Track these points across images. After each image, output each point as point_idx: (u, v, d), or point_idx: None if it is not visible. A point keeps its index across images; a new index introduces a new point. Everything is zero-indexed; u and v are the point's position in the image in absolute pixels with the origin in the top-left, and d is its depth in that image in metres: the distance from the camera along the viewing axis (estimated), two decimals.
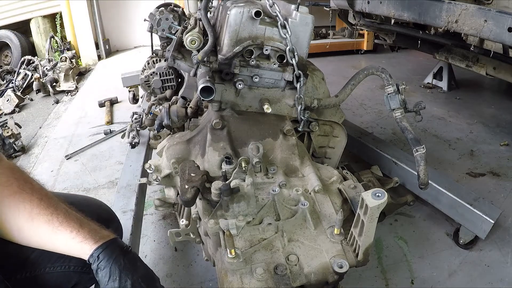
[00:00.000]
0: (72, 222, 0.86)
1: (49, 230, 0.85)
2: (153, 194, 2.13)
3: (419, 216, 1.89)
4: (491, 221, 1.55)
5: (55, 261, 0.95)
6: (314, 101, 1.45)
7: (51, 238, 0.85)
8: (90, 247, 0.84)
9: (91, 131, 3.09)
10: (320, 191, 1.17)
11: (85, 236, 0.85)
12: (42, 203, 0.87)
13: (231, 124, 1.32)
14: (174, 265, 1.64)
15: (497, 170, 2.25)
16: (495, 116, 3.03)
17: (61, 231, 0.85)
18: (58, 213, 0.86)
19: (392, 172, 1.92)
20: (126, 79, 2.98)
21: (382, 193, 0.84)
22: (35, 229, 0.85)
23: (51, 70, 4.36)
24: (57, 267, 0.96)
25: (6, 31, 5.34)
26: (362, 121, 2.98)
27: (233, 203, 1.06)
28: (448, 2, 1.70)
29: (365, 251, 0.95)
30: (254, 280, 0.92)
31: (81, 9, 5.31)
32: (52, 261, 0.95)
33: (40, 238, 0.86)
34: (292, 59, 1.27)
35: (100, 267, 0.83)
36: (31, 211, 0.85)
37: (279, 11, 1.24)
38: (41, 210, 0.86)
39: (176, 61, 1.46)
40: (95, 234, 0.86)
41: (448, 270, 1.58)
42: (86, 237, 0.85)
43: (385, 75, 1.46)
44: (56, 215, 0.86)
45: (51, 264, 0.95)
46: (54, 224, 0.85)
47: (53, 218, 0.85)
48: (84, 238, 0.84)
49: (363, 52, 5.03)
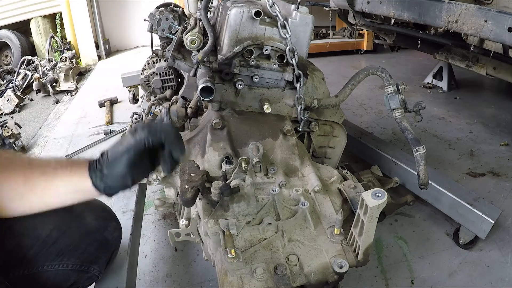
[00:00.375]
0: (62, 165, 0.86)
1: (47, 179, 0.83)
2: (153, 194, 2.13)
3: (419, 216, 1.89)
4: (491, 221, 1.55)
5: (53, 259, 0.96)
6: (314, 101, 1.45)
7: (52, 185, 0.84)
8: (86, 164, 0.83)
9: (91, 131, 3.09)
10: (320, 191, 1.17)
11: (78, 165, 0.84)
12: (31, 164, 0.86)
13: (231, 124, 1.32)
14: (174, 265, 1.64)
15: (497, 170, 2.25)
16: (495, 116, 3.03)
17: (58, 174, 0.83)
18: (46, 164, 0.85)
19: (392, 172, 1.92)
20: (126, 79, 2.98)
21: (382, 193, 0.84)
22: (34, 187, 0.83)
23: (51, 70, 4.36)
24: (54, 265, 0.96)
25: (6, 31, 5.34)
26: (362, 121, 2.98)
27: (233, 203, 1.06)
28: (448, 2, 1.70)
29: (365, 251, 0.95)
30: (254, 280, 0.92)
31: (81, 9, 5.31)
32: (50, 259, 0.95)
33: (42, 192, 0.84)
34: (292, 59, 1.27)
35: (106, 154, 0.82)
36: (24, 175, 0.83)
37: (279, 11, 1.24)
38: (32, 169, 0.84)
39: (176, 61, 1.46)
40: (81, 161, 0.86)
41: (448, 270, 1.58)
42: (79, 165, 0.84)
43: (385, 75, 1.46)
44: (45, 166, 0.85)
45: (49, 262, 0.95)
46: (48, 173, 0.84)
47: (46, 169, 0.84)
48: (78, 166, 0.83)
49: (363, 52, 5.03)
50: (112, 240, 1.11)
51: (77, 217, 1.01)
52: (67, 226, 0.98)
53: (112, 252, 1.16)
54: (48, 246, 0.95)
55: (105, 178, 0.81)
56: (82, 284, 1.05)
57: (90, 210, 1.06)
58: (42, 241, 0.94)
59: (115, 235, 1.13)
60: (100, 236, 1.06)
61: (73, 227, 0.99)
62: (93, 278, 1.07)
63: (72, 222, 0.99)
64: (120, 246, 1.21)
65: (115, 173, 0.80)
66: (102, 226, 1.07)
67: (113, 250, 1.15)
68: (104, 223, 1.08)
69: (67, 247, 0.97)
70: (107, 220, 1.11)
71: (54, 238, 0.95)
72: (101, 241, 1.07)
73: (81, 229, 1.01)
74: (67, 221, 0.99)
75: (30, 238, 0.93)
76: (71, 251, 0.98)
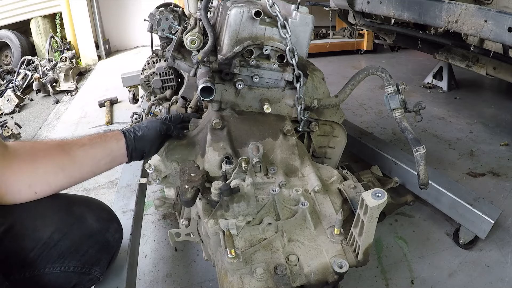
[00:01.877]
0: (95, 136, 1.08)
1: (85, 149, 1.03)
2: (153, 194, 2.13)
3: (419, 216, 1.89)
4: (491, 221, 1.55)
5: (55, 262, 0.95)
6: (314, 101, 1.45)
7: (89, 153, 1.03)
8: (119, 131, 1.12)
9: (91, 131, 3.09)
10: (320, 191, 1.17)
11: (111, 133, 1.11)
12: (65, 142, 1.03)
13: (231, 124, 1.32)
14: (174, 265, 1.64)
15: (497, 170, 2.25)
16: (495, 116, 3.03)
17: (94, 142, 1.05)
18: (80, 139, 1.06)
19: (392, 172, 1.92)
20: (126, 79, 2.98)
21: (382, 193, 0.84)
22: (75, 158, 1.00)
23: (51, 70, 4.36)
24: (56, 267, 0.95)
25: (6, 31, 5.34)
26: (362, 121, 2.98)
27: (233, 203, 1.06)
28: (448, 2, 1.70)
29: (365, 251, 0.95)
30: (254, 280, 0.92)
31: (81, 9, 5.32)
32: (52, 261, 0.95)
33: (81, 161, 1.02)
34: (292, 59, 1.27)
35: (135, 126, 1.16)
36: (63, 149, 1.00)
37: (279, 11, 1.24)
38: (70, 144, 1.02)
39: (176, 61, 1.46)
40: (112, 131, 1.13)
41: (448, 270, 1.58)
42: (112, 133, 1.11)
43: (385, 75, 1.46)
44: (80, 140, 1.06)
45: (51, 264, 0.95)
46: (85, 144, 1.05)
47: (82, 141, 1.05)
48: (112, 134, 1.11)
49: (363, 52, 5.03)
50: (113, 241, 1.11)
51: (78, 218, 1.01)
52: (68, 228, 0.97)
53: (113, 254, 1.16)
54: (50, 248, 0.94)
55: (136, 140, 1.11)
56: (83, 286, 1.04)
57: (91, 211, 1.05)
58: (43, 243, 0.93)
59: (116, 237, 1.13)
60: (102, 238, 1.06)
61: (74, 228, 0.98)
62: (94, 280, 1.07)
63: (73, 223, 0.99)
64: (120, 246, 1.21)
65: (145, 138, 1.14)
66: (104, 227, 1.07)
67: (114, 251, 1.15)
68: (105, 225, 1.08)
69: (68, 249, 0.96)
70: (108, 222, 1.10)
71: (56, 240, 0.95)
72: (103, 243, 1.06)
73: (83, 231, 1.00)
74: (68, 223, 0.98)
75: (31, 240, 0.93)
76: (72, 253, 0.97)
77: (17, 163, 0.91)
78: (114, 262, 1.18)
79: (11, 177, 0.90)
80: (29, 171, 0.93)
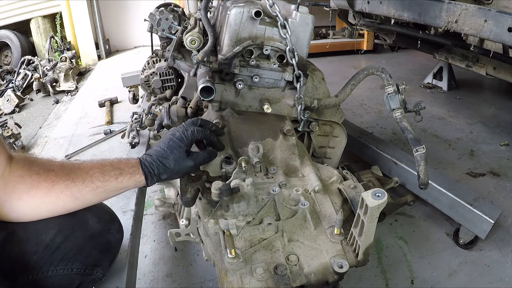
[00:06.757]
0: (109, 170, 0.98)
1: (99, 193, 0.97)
2: (153, 194, 2.13)
3: (419, 216, 1.89)
4: (491, 221, 1.55)
5: (58, 264, 0.95)
6: (314, 101, 1.45)
7: (106, 194, 0.99)
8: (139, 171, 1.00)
9: (91, 131, 3.09)
10: (320, 191, 1.17)
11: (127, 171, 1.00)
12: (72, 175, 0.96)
13: (231, 124, 1.32)
14: (174, 265, 1.64)
15: (497, 170, 2.25)
16: (495, 116, 3.03)
17: (111, 185, 0.98)
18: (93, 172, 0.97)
19: (392, 172, 1.92)
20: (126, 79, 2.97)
21: (382, 193, 0.84)
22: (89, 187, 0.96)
23: (51, 70, 4.36)
24: (59, 270, 0.96)
25: (6, 31, 5.34)
26: (362, 121, 2.98)
27: (233, 203, 1.06)
28: (448, 2, 1.70)
29: (365, 251, 0.95)
30: (254, 280, 0.92)
31: (81, 9, 5.32)
32: (55, 264, 0.95)
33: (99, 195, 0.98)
34: (292, 59, 1.27)
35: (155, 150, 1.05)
36: (78, 184, 0.95)
37: (279, 11, 1.24)
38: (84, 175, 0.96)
39: (176, 61, 1.46)
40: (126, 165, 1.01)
41: (448, 270, 1.58)
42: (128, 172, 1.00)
43: (385, 75, 1.46)
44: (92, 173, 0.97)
45: (54, 267, 0.95)
46: (100, 188, 0.97)
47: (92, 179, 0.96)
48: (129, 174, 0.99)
49: (363, 52, 5.03)
50: (114, 242, 1.11)
51: (80, 220, 1.00)
52: (70, 230, 0.97)
53: (115, 254, 1.16)
54: (52, 251, 0.94)
55: (160, 179, 1.04)
56: (86, 286, 1.04)
57: (93, 212, 1.05)
58: (45, 246, 0.93)
59: (118, 237, 1.13)
60: (104, 239, 1.06)
61: (76, 230, 0.98)
62: (96, 280, 1.07)
63: (75, 225, 0.98)
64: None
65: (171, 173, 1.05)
66: (105, 228, 1.07)
67: (115, 252, 1.16)
68: (107, 226, 1.08)
69: (71, 251, 0.97)
70: (109, 222, 1.10)
71: (58, 243, 0.95)
72: (105, 244, 1.07)
73: (85, 233, 1.00)
74: (70, 225, 0.98)
75: (33, 244, 0.93)
76: (75, 255, 0.97)
77: (21, 192, 0.89)
78: (114, 262, 1.18)
79: (16, 202, 0.89)
80: (33, 207, 0.91)
